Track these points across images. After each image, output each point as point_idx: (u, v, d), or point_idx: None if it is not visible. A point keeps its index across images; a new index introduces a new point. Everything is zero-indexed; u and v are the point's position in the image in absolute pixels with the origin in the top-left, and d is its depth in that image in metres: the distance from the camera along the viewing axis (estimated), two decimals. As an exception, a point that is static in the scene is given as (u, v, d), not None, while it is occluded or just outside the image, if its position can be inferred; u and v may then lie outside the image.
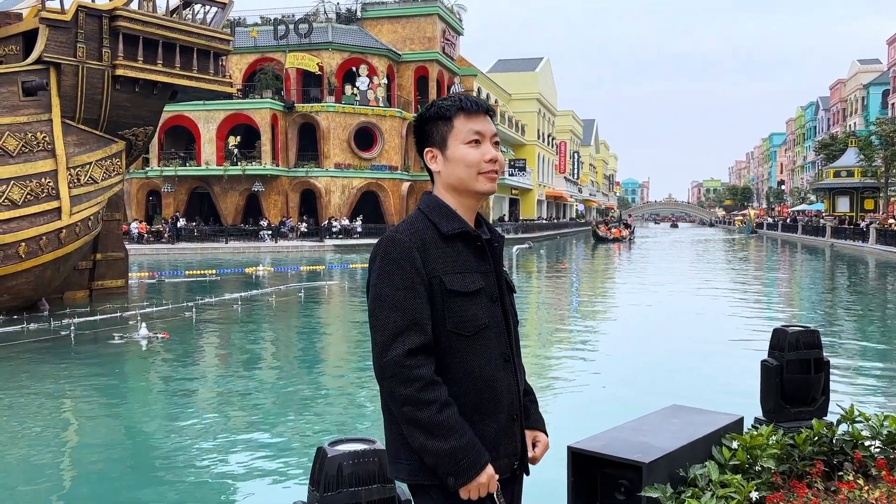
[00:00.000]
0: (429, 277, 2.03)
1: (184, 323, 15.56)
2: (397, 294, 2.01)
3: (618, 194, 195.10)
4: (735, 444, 4.43)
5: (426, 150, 2.19)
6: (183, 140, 48.33)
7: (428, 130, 2.18)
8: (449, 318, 2.04)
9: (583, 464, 4.12)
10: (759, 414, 5.26)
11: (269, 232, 44.31)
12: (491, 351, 2.10)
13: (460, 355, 2.06)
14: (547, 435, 2.34)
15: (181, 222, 45.53)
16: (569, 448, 4.06)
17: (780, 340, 5.11)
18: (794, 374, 5.00)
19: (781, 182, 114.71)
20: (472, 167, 2.12)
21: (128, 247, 38.13)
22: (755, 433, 4.54)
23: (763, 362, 5.17)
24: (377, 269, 2.05)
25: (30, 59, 16.48)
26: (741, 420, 4.83)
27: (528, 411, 2.29)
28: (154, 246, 41.34)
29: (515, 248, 33.70)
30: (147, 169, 47.16)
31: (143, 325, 13.71)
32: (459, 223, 2.11)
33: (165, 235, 43.15)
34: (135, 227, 42.55)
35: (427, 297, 2.03)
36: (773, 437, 4.63)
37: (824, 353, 5.14)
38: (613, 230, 62.61)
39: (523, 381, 2.26)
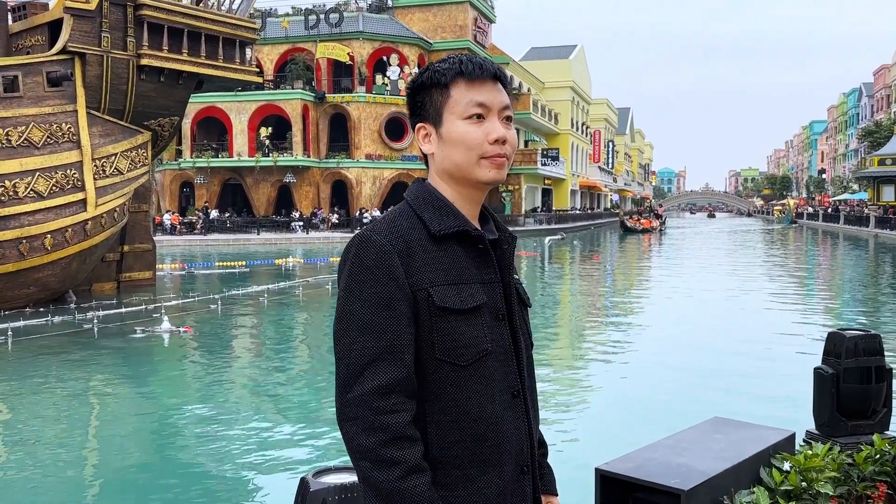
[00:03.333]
0: (412, 290, 1.58)
1: (209, 316, 15.34)
2: (368, 312, 1.56)
3: (653, 184, 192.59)
4: (787, 466, 3.92)
5: (417, 125, 1.72)
6: (215, 131, 48.46)
7: (420, 101, 1.71)
8: (439, 343, 1.58)
9: (612, 488, 3.64)
10: (812, 427, 4.76)
11: (301, 223, 44.24)
12: (495, 385, 1.63)
13: (453, 391, 1.60)
14: (557, 495, 1.84)
15: (214, 213, 45.71)
16: (597, 470, 3.61)
17: (837, 345, 4.58)
18: (852, 383, 4.46)
19: (822, 171, 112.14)
20: (472, 149, 1.64)
21: (161, 238, 38.68)
22: (809, 452, 4.03)
23: (816, 370, 4.65)
24: (345, 279, 1.60)
25: (54, 50, 16.33)
26: (792, 437, 4.32)
27: (541, 468, 1.81)
28: (186, 237, 41.55)
29: (548, 239, 33.17)
30: (180, 160, 47.45)
31: (166, 318, 13.49)
32: (456, 220, 1.65)
33: (198, 227, 43.31)
34: (167, 218, 42.79)
35: (409, 316, 1.57)
36: (829, 456, 4.13)
37: (886, 360, 4.61)
38: (643, 221, 61.39)
39: (537, 425, 1.78)
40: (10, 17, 17.84)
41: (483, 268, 1.67)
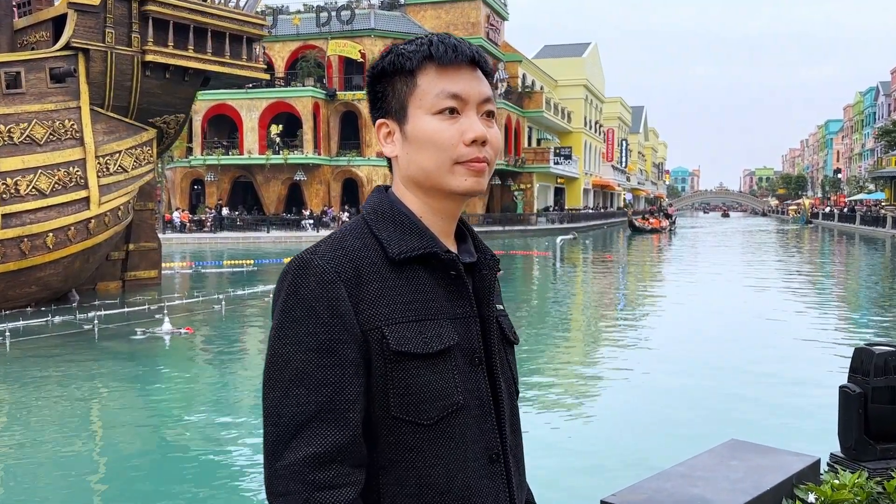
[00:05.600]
0: (362, 330, 1.24)
1: (211, 316, 15.09)
2: (304, 358, 1.22)
3: (667, 183, 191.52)
4: (812, 498, 3.59)
5: (378, 122, 1.39)
6: (226, 129, 48.38)
7: (381, 91, 1.37)
8: (395, 397, 1.25)
9: (618, 527, 3.31)
10: (837, 449, 4.41)
11: (311, 221, 44.02)
12: (468, 447, 1.29)
13: (414, 457, 1.26)
14: None
15: (224, 211, 45.60)
16: (602, 503, 3.28)
17: (865, 362, 4.22)
18: (882, 403, 4.10)
19: (838, 170, 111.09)
20: (444, 152, 1.31)
21: (170, 236, 38.56)
22: (836, 482, 3.68)
23: (842, 388, 4.28)
24: (277, 315, 1.27)
25: (58, 45, 16.11)
26: (817, 463, 3.95)
27: None
28: (196, 235, 41.42)
29: (560, 238, 32.76)
30: (190, 158, 47.40)
31: (167, 319, 13.23)
32: (421, 240, 1.32)
33: (208, 224, 43.19)
34: (177, 216, 42.71)
35: (358, 363, 1.24)
36: (857, 484, 3.77)
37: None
38: (652, 221, 60.80)
39: (522, 495, 1.43)
40: (15, 12, 17.66)
41: (455, 299, 1.33)
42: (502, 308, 1.49)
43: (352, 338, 1.24)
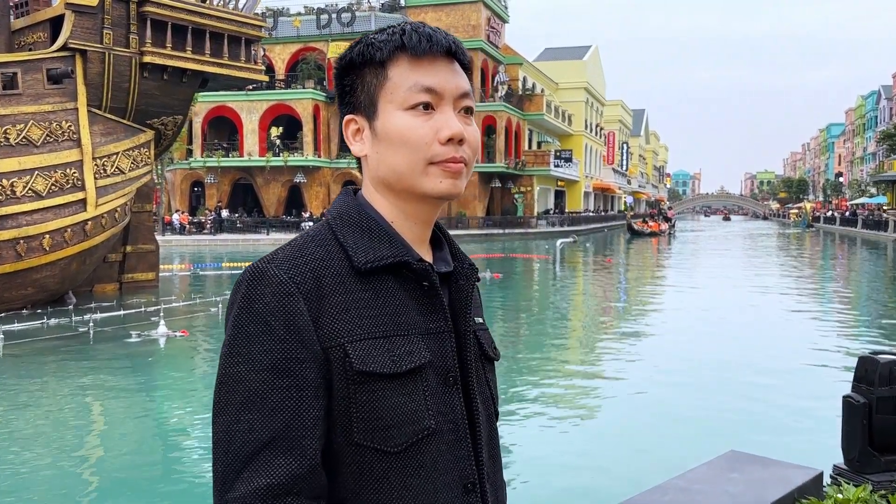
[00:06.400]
0: (323, 347, 1.13)
1: (209, 319, 14.97)
2: (257, 379, 1.10)
3: (668, 186, 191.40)
4: (815, 514, 3.48)
5: (346, 118, 1.27)
6: (226, 131, 48.33)
7: (349, 84, 1.25)
8: (359, 421, 1.13)
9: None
10: (840, 461, 4.29)
11: (311, 223, 43.94)
12: (439, 476, 1.17)
13: (380, 488, 1.14)
14: None
15: (224, 213, 45.53)
16: (596, 519, 3.17)
17: (869, 372, 4.10)
18: (887, 414, 3.99)
19: (839, 174, 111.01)
20: (417, 151, 1.19)
21: (170, 238, 38.46)
22: (840, 497, 3.56)
23: (846, 398, 4.16)
24: (230, 330, 1.16)
25: (55, 46, 16.01)
26: (820, 476, 3.83)
27: None
28: (196, 237, 41.32)
29: (559, 241, 32.66)
30: (190, 160, 47.35)
31: (163, 322, 13.12)
32: (391, 248, 1.20)
33: (207, 226, 43.12)
34: (177, 217, 42.62)
35: (317, 384, 1.12)
36: (861, 498, 3.66)
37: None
38: (650, 224, 60.65)
39: None
40: (12, 13, 17.57)
41: (429, 313, 1.21)
42: (482, 321, 1.37)
43: (311, 356, 1.12)
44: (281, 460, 1.09)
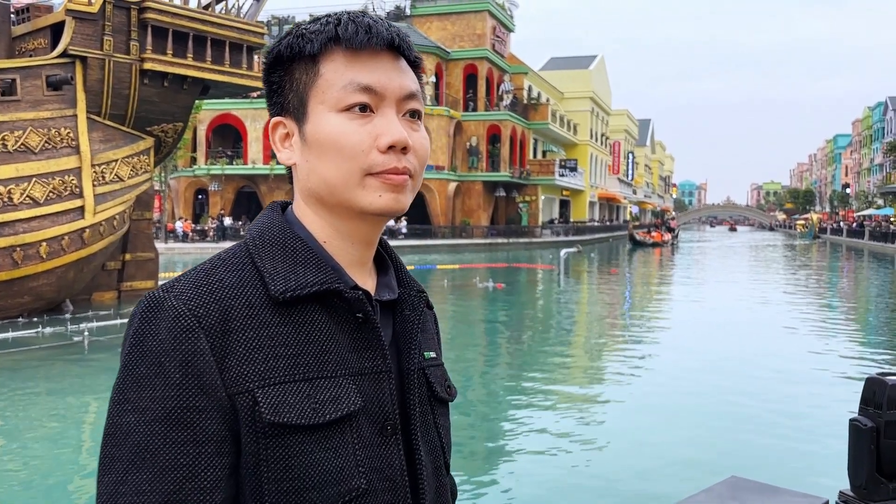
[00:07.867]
0: (228, 394, 0.94)
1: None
2: (148, 431, 0.92)
3: (674, 196, 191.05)
4: (820, 549, 3.27)
5: (273, 121, 1.09)
6: (230, 138, 48.34)
7: (277, 82, 1.08)
8: (271, 482, 0.95)
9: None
10: (846, 487, 4.09)
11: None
12: None
13: None
14: None
15: (227, 221, 45.45)
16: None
17: (877, 394, 3.90)
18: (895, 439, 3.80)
19: (846, 185, 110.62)
20: (352, 159, 1.01)
21: (172, 245, 38.36)
22: (847, 529, 3.37)
23: (852, 422, 3.97)
24: (119, 372, 0.96)
25: (55, 53, 15.92)
26: (825, 505, 3.65)
27: None
28: (199, 245, 41.24)
29: (564, 251, 32.45)
30: (195, 167, 47.33)
31: (158, 331, 12.95)
32: (318, 273, 1.01)
33: (210, 234, 43.05)
34: (179, 225, 42.56)
35: (221, 438, 0.94)
36: (869, 529, 3.46)
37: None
38: (653, 235, 60.37)
39: None
40: (13, 19, 17.51)
41: (363, 350, 1.02)
42: (434, 356, 1.18)
43: (212, 405, 0.93)
44: None
